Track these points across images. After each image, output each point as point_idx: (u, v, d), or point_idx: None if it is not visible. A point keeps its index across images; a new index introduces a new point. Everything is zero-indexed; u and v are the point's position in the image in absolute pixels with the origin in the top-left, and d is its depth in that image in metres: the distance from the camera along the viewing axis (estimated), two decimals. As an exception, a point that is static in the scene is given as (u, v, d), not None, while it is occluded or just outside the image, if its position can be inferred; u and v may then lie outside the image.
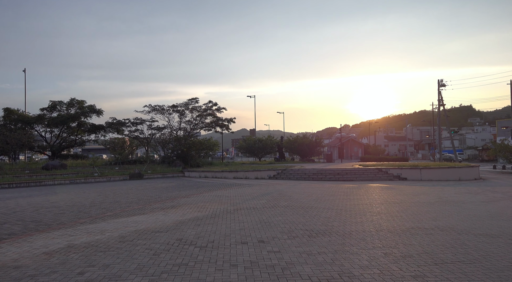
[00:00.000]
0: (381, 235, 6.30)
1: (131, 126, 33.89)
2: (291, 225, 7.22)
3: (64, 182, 21.72)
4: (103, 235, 6.55)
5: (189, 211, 9.46)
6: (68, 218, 8.68)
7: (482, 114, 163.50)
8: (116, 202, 11.65)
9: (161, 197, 12.98)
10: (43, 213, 9.41)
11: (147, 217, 8.57)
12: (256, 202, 11.21)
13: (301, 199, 11.82)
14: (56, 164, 26.47)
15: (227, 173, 25.29)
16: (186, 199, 12.37)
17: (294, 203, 10.83)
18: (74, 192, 15.51)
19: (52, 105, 33.23)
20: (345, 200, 11.30)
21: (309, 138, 46.43)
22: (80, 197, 13.41)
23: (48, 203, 11.82)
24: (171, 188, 17.12)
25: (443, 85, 43.00)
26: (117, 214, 9.13)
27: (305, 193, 13.55)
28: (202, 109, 33.06)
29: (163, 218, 8.33)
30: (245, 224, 7.41)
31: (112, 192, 15.18)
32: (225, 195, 13.27)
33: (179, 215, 8.73)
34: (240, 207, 10.13)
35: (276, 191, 14.72)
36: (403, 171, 22.27)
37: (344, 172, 23.19)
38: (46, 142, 35.55)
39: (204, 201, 11.57)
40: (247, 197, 12.48)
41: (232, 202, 11.18)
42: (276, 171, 24.65)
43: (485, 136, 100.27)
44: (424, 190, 14.43)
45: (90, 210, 9.87)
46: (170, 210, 9.61)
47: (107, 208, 10.35)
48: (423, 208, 9.56)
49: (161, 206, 10.47)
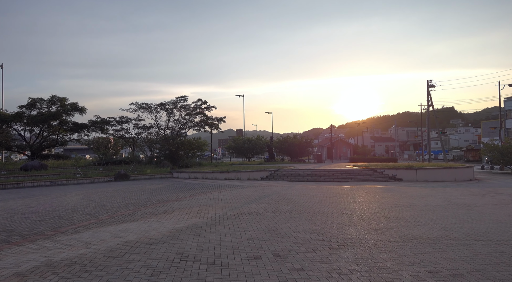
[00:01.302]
0: (411, 246, 5.55)
1: (116, 125, 32.45)
2: (305, 234, 6.40)
3: (45, 183, 20.37)
4: (88, 249, 5.57)
5: (185, 216, 8.52)
6: (47, 226, 7.63)
7: (463, 115, 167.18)
8: (101, 207, 10.59)
9: (151, 200, 11.97)
10: (18, 220, 8.31)
11: (139, 224, 7.60)
12: (256, 205, 10.36)
13: (304, 202, 11.03)
14: (36, 164, 24.94)
15: (218, 174, 24.35)
16: (179, 202, 11.41)
17: (297, 206, 10.03)
18: (54, 195, 14.30)
19: (31, 102, 31.45)
20: (350, 203, 10.57)
21: (299, 139, 45.86)
22: (62, 201, 12.26)
23: (25, 207, 10.66)
24: (160, 190, 16.08)
25: (432, 86, 43.11)
26: (104, 221, 8.11)
27: (305, 195, 12.77)
28: (191, 108, 31.95)
29: (157, 226, 7.38)
30: (252, 233, 6.55)
31: (97, 195, 14.05)
32: (220, 198, 12.37)
33: (174, 222, 7.80)
34: (240, 211, 9.25)
35: (274, 193, 13.89)
36: (398, 172, 21.81)
37: (338, 173, 22.59)
38: (25, 141, 33.69)
39: (199, 205, 10.64)
40: (245, 200, 11.61)
41: (230, 206, 10.29)
42: (269, 172, 23.87)
43: (468, 137, 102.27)
44: (427, 192, 13.86)
45: (72, 216, 8.81)
46: (163, 216, 8.65)
47: (92, 213, 9.30)
48: (438, 212, 8.90)
49: (153, 211, 9.50)
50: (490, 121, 62.75)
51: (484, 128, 63.44)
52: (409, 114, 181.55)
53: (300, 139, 45.55)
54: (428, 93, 43.06)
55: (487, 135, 60.87)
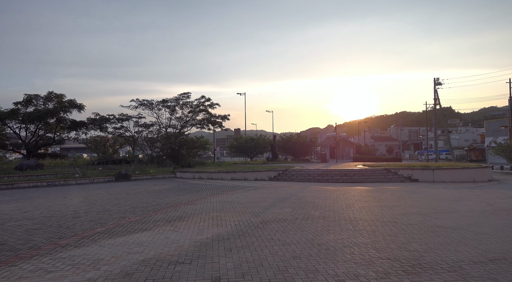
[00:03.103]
0: (507, 269, 4.44)
1: (116, 123, 31.17)
2: (360, 250, 5.28)
3: (41, 184, 19.15)
4: (98, 271, 4.42)
5: (204, 224, 7.38)
6: (44, 236, 6.46)
7: (461, 115, 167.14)
8: (105, 211, 9.42)
9: (160, 204, 10.81)
10: (10, 230, 7.13)
11: (153, 235, 6.45)
12: (279, 210, 9.23)
13: (330, 206, 9.91)
14: (32, 163, 23.67)
15: (223, 174, 23.21)
16: (191, 206, 10.26)
17: (327, 212, 8.91)
18: (52, 197, 13.10)
19: (27, 99, 30.11)
20: (384, 208, 9.47)
21: (303, 138, 44.77)
22: (60, 204, 11.07)
23: (19, 212, 9.47)
24: (166, 191, 14.92)
25: (439, 84, 42.13)
26: (111, 230, 6.95)
27: (327, 198, 11.66)
28: (194, 105, 30.73)
29: (176, 237, 6.23)
30: (294, 248, 5.42)
31: (99, 197, 12.87)
32: (235, 201, 11.23)
33: (194, 232, 6.65)
34: (265, 218, 8.12)
35: (291, 195, 12.77)
36: (414, 172, 20.79)
37: (351, 173, 21.52)
38: (21, 139, 32.35)
39: (214, 209, 9.50)
40: (264, 204, 10.48)
41: (251, 211, 9.15)
42: (277, 172, 22.78)
43: (469, 137, 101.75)
44: (457, 194, 12.79)
45: (74, 224, 7.64)
46: (179, 224, 7.50)
47: (96, 220, 8.13)
48: (494, 219, 7.81)
49: (165, 217, 8.34)
50: (494, 121, 61.89)
51: (488, 128, 62.63)
52: (407, 114, 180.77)
53: (304, 139, 44.47)
54: (435, 92, 42.10)
55: (491, 135, 60.07)
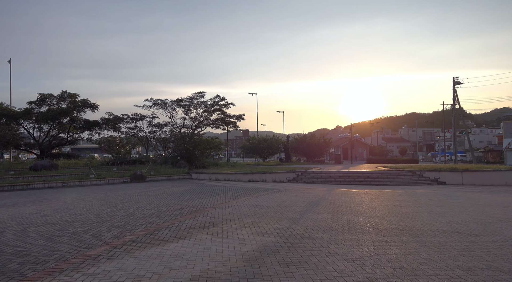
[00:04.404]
0: None
1: (130, 123, 30.75)
2: (443, 270, 4.52)
3: (56, 184, 18.72)
4: (142, 292, 3.75)
5: (243, 232, 6.69)
6: (70, 245, 5.84)
7: (473, 116, 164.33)
8: (130, 216, 8.80)
9: (185, 207, 10.16)
10: (32, 237, 6.53)
11: (190, 245, 5.78)
12: (317, 216, 8.50)
13: (370, 211, 9.15)
14: (46, 164, 23.31)
15: (241, 175, 22.56)
16: (219, 210, 9.59)
17: (371, 219, 8.15)
18: (70, 199, 12.56)
19: (41, 98, 29.86)
20: (432, 215, 8.67)
21: (317, 138, 43.90)
22: (81, 207, 10.50)
23: (39, 216, 8.91)
24: (186, 193, 14.29)
25: (458, 83, 40.94)
26: (142, 238, 6.31)
27: (361, 203, 10.89)
28: (209, 105, 30.14)
29: (217, 248, 5.55)
30: (362, 265, 4.69)
31: (119, 199, 12.29)
32: (263, 205, 10.53)
33: (235, 241, 5.97)
34: (306, 225, 7.40)
35: (320, 198, 12.03)
36: (441, 174, 19.87)
37: (374, 175, 20.67)
38: (34, 139, 32.15)
39: (246, 215, 8.81)
40: (296, 208, 9.76)
41: (287, 217, 8.44)
42: (296, 173, 22.08)
43: (483, 138, 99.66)
44: (498, 199, 11.89)
45: (100, 230, 7.02)
46: (214, 231, 6.83)
47: (122, 225, 7.51)
48: None
49: (196, 223, 7.68)
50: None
51: (506, 129, 60.91)
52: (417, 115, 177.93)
53: (318, 139, 43.61)
54: (454, 91, 40.90)
55: (510, 136, 58.38)
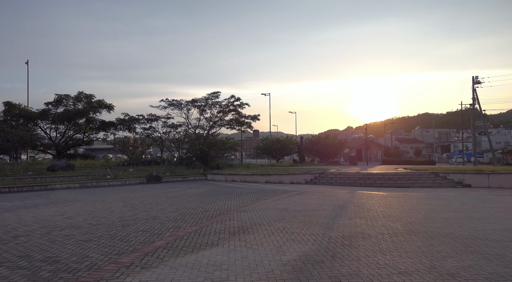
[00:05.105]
0: None
1: (146, 123, 30.76)
2: None
3: (73, 185, 18.69)
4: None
5: (278, 239, 6.33)
6: (100, 251, 5.57)
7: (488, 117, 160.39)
8: (154, 219, 8.53)
9: (208, 210, 9.86)
10: (59, 241, 6.29)
11: (225, 252, 5.45)
12: (350, 221, 8.08)
13: (404, 217, 8.69)
14: (63, 164, 23.39)
15: (258, 177, 22.21)
16: (244, 213, 9.25)
17: (409, 225, 7.70)
18: (90, 200, 12.40)
19: (58, 99, 30.07)
20: (474, 222, 8.17)
21: (331, 139, 43.26)
22: (102, 209, 10.30)
23: (62, 218, 8.71)
24: (205, 195, 14.01)
25: (478, 82, 39.85)
26: (173, 244, 6.00)
27: (391, 207, 10.42)
28: (223, 105, 29.92)
29: (255, 257, 5.20)
30: (422, 281, 4.28)
31: (138, 201, 12.07)
32: (289, 208, 10.15)
33: (272, 249, 5.61)
34: (342, 232, 7.00)
35: (346, 202, 11.59)
36: (465, 176, 19.17)
37: (395, 177, 20.08)
38: (51, 140, 32.42)
39: (274, 219, 8.45)
40: (324, 213, 9.35)
41: (318, 222, 8.04)
42: (313, 175, 21.63)
43: (500, 139, 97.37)
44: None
45: (127, 234, 6.75)
46: (246, 237, 6.49)
47: (148, 229, 7.23)
48: None
49: (225, 228, 7.35)
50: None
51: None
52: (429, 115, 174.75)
53: (333, 140, 42.96)
54: (473, 90, 39.85)
55: (530, 137, 56.80)
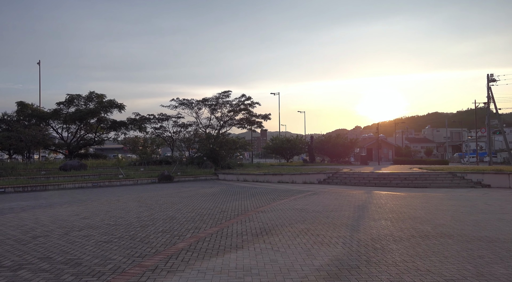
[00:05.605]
0: None
1: (157, 123, 30.72)
2: None
3: (86, 184, 18.67)
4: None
5: (304, 241, 6.06)
6: (121, 253, 5.37)
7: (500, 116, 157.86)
8: (172, 219, 8.33)
9: (225, 211, 9.63)
10: (78, 242, 6.12)
11: (252, 256, 5.20)
12: (374, 223, 7.77)
13: (430, 218, 8.35)
14: (75, 164, 23.44)
15: (270, 176, 21.96)
16: (263, 214, 9.00)
17: (438, 227, 7.37)
18: (105, 200, 12.28)
19: (69, 99, 30.22)
20: (509, 224, 7.79)
21: (343, 139, 42.74)
22: (117, 208, 10.15)
23: (79, 218, 8.57)
24: (219, 195, 13.81)
25: (493, 80, 38.96)
26: (196, 246, 5.78)
27: (414, 207, 10.06)
28: (234, 104, 29.71)
29: (285, 261, 4.94)
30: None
31: (153, 201, 11.91)
32: (308, 209, 9.87)
33: (302, 253, 5.35)
34: (370, 234, 6.70)
35: (365, 202, 11.26)
36: (484, 176, 18.65)
37: (411, 177, 19.63)
38: (63, 139, 32.59)
39: (295, 220, 8.18)
40: (345, 213, 9.05)
41: (342, 223, 7.75)
42: (326, 175, 21.30)
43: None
44: None
45: (147, 236, 6.55)
46: (270, 239, 6.24)
47: (168, 230, 7.02)
48: None
49: (247, 229, 7.11)
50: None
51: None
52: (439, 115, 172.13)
53: (344, 139, 42.45)
54: (488, 89, 38.96)
55: (546, 136, 55.55)
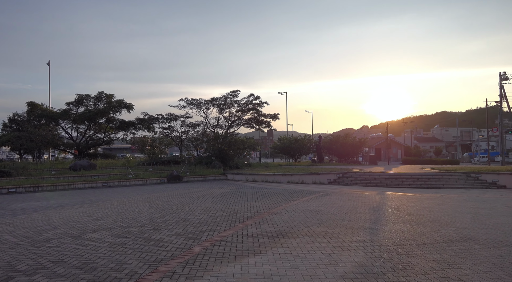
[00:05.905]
0: None
1: (165, 123, 30.72)
2: None
3: (96, 184, 18.68)
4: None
5: (323, 245, 5.87)
6: (136, 257, 5.23)
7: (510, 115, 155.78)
8: (184, 221, 8.20)
9: (238, 212, 9.47)
10: (92, 245, 6.00)
11: (271, 261, 5.03)
12: (393, 226, 7.55)
13: (449, 221, 8.09)
14: (85, 164, 23.51)
15: (279, 177, 21.77)
16: (276, 216, 8.82)
17: (461, 231, 7.12)
18: (116, 201, 12.21)
19: (78, 99, 30.36)
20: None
21: (351, 138, 42.35)
22: (129, 210, 10.05)
23: (91, 219, 8.48)
24: (230, 195, 13.66)
25: (506, 79, 38.26)
26: (212, 250, 5.62)
27: (430, 209, 9.79)
28: (242, 104, 29.57)
29: (306, 267, 4.75)
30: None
31: (164, 201, 11.81)
32: (322, 211, 9.66)
33: (322, 258, 5.16)
34: (391, 238, 6.48)
35: (379, 204, 11.02)
36: (500, 177, 18.23)
37: (424, 177, 19.27)
38: (72, 139, 32.77)
39: (311, 222, 7.99)
40: (361, 215, 8.82)
41: (359, 226, 7.54)
42: (336, 175, 21.05)
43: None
44: None
45: (161, 239, 6.41)
46: (288, 243, 6.05)
47: (182, 233, 6.88)
48: None
49: (262, 232, 6.94)
50: None
51: (556, 128, 56.80)
52: (447, 114, 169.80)
53: (353, 139, 42.05)
54: (501, 87, 38.31)
55: (560, 135, 54.37)
